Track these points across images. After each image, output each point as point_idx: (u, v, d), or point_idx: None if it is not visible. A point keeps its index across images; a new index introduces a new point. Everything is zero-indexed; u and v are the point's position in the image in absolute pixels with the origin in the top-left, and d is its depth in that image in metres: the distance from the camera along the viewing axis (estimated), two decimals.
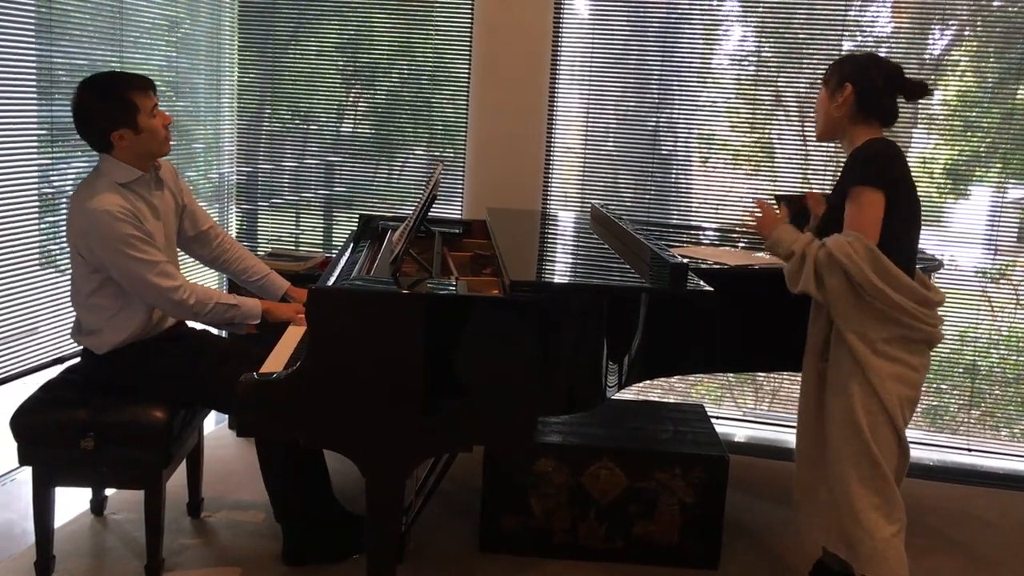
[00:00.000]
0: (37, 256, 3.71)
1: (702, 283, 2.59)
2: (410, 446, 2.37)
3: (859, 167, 2.46)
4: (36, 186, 3.68)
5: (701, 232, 3.99)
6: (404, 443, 2.35)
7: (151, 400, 2.79)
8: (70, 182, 3.89)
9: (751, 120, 4.52)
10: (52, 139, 3.75)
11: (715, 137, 4.58)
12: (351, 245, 3.30)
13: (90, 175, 2.80)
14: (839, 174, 2.61)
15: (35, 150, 3.67)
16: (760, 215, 2.64)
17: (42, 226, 3.75)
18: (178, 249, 3.05)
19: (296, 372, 2.31)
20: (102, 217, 2.63)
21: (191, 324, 3.07)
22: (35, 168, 3.67)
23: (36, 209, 3.70)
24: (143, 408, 2.75)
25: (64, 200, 3.91)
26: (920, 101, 2.89)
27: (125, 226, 2.65)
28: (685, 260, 2.67)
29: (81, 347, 2.92)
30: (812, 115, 4.41)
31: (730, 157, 4.59)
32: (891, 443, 2.46)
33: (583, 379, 2.40)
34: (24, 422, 2.72)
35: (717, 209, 4.55)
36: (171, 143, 2.85)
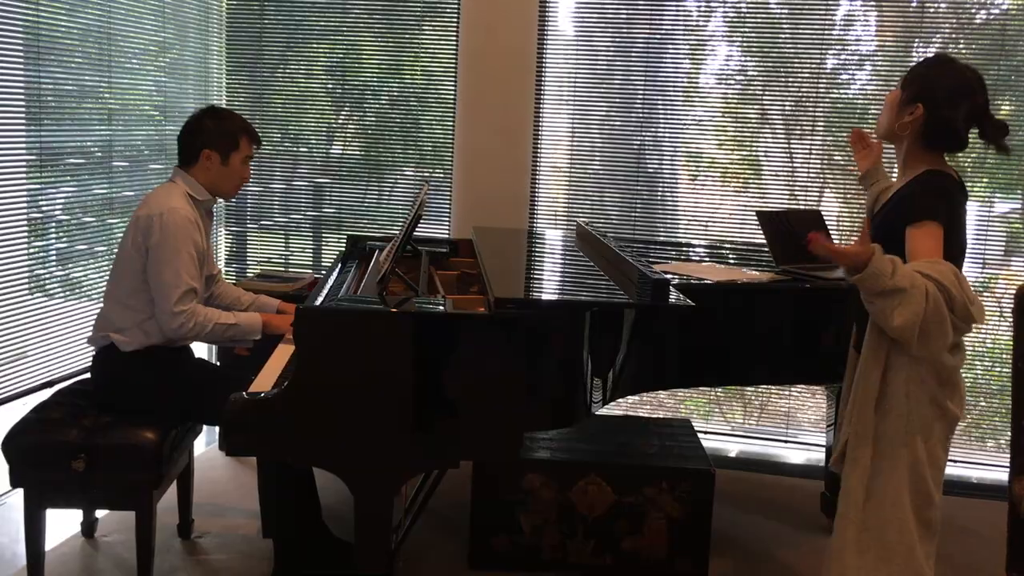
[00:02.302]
0: (26, 281, 3.72)
1: (685, 299, 2.63)
2: (398, 463, 2.39)
3: (921, 200, 2.25)
4: (25, 211, 3.71)
5: (690, 249, 4.04)
6: (392, 460, 2.37)
7: (156, 412, 2.84)
8: (59, 207, 3.92)
9: (737, 137, 4.58)
10: (41, 164, 3.78)
11: (701, 154, 4.63)
12: (339, 265, 3.33)
13: (164, 184, 2.99)
14: (886, 199, 2.42)
15: (24, 175, 3.69)
16: (848, 247, 2.19)
17: (31, 251, 3.77)
18: None
19: (284, 391, 2.33)
20: (176, 217, 2.81)
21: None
22: (24, 193, 3.69)
23: (25, 234, 3.72)
24: (134, 429, 2.77)
25: (53, 224, 3.94)
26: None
27: (187, 239, 2.83)
28: (668, 276, 2.70)
29: (95, 351, 2.98)
30: (797, 132, 4.47)
31: (716, 174, 4.64)
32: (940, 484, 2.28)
33: (568, 394, 2.44)
34: (16, 444, 2.73)
35: (703, 226, 4.60)
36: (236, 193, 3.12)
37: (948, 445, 2.30)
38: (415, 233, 2.98)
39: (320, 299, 2.71)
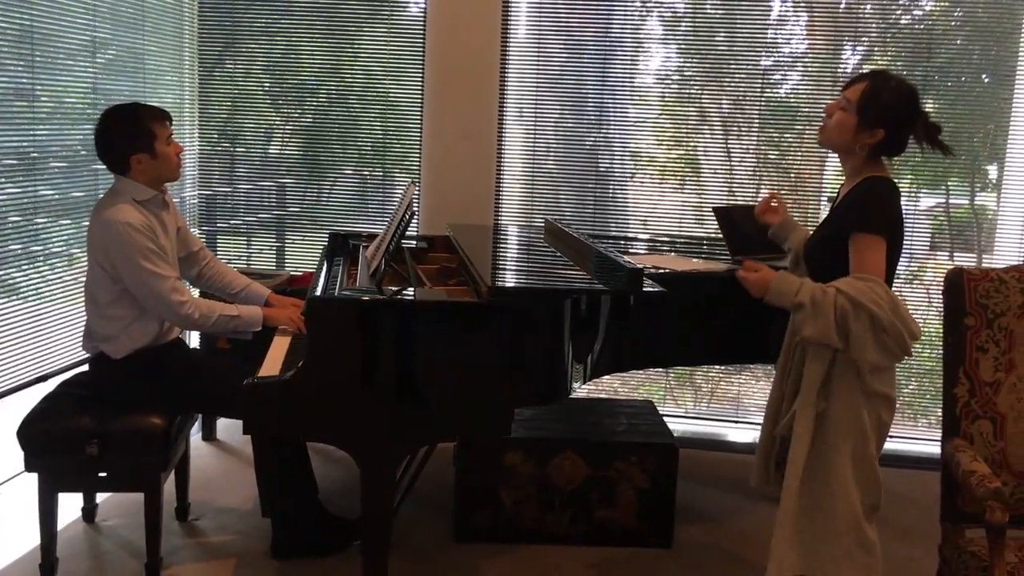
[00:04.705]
0: None
1: (657, 286, 2.90)
2: (401, 438, 2.62)
3: (861, 212, 2.45)
4: None
5: (646, 242, 4.31)
6: (395, 436, 2.60)
7: (156, 406, 3.01)
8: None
9: (677, 136, 4.86)
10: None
11: (647, 153, 4.91)
12: (326, 261, 3.53)
13: (107, 194, 3.06)
14: (828, 203, 2.70)
15: None
16: (749, 274, 2.51)
17: None
18: None
19: (297, 374, 2.53)
20: (123, 228, 2.89)
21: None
22: None
23: None
24: (143, 416, 2.96)
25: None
26: None
27: (143, 238, 2.92)
28: (641, 266, 2.97)
29: (89, 357, 3.14)
30: (735, 130, 4.77)
31: (658, 172, 4.92)
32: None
33: (553, 373, 2.69)
34: (31, 431, 2.90)
35: (653, 220, 4.88)
36: (181, 169, 3.15)
37: (882, 443, 2.56)
38: (392, 230, 3.18)
39: (318, 292, 2.92)
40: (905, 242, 2.59)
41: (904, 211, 2.56)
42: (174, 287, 2.99)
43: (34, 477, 2.96)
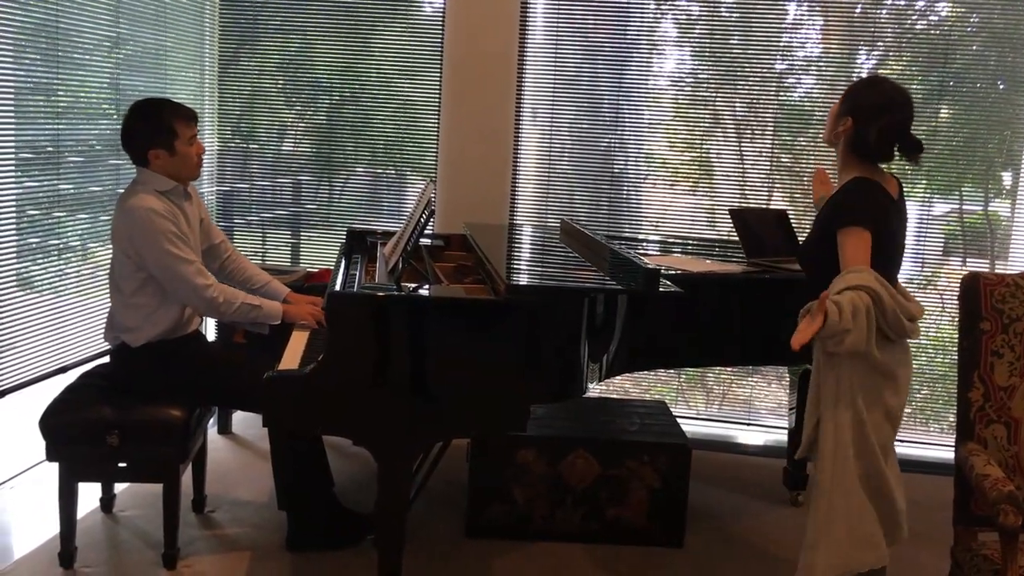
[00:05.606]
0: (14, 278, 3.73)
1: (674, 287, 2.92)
2: (419, 434, 2.65)
3: (842, 208, 2.51)
4: (14, 209, 3.71)
5: (652, 243, 4.34)
6: (413, 431, 2.63)
7: (174, 398, 3.04)
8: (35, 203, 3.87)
9: (691, 139, 4.87)
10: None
11: (661, 156, 4.93)
12: (344, 257, 3.57)
13: (130, 184, 3.11)
14: (821, 202, 2.75)
15: (12, 173, 3.69)
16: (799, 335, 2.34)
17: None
18: None
19: (317, 368, 2.56)
20: (146, 214, 2.95)
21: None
22: (13, 190, 3.69)
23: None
24: (163, 407, 3.00)
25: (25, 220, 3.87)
26: None
27: (166, 223, 2.97)
28: (658, 266, 2.99)
29: (112, 347, 3.19)
30: (748, 134, 4.78)
31: (671, 174, 4.94)
32: None
33: (569, 370, 2.71)
34: (53, 422, 2.94)
35: (666, 222, 4.90)
36: (201, 169, 3.18)
37: (892, 431, 2.55)
38: (410, 228, 3.20)
39: (338, 287, 2.96)
40: (918, 247, 2.63)
41: (917, 217, 2.58)
42: (199, 270, 3.03)
43: (55, 466, 3.00)
